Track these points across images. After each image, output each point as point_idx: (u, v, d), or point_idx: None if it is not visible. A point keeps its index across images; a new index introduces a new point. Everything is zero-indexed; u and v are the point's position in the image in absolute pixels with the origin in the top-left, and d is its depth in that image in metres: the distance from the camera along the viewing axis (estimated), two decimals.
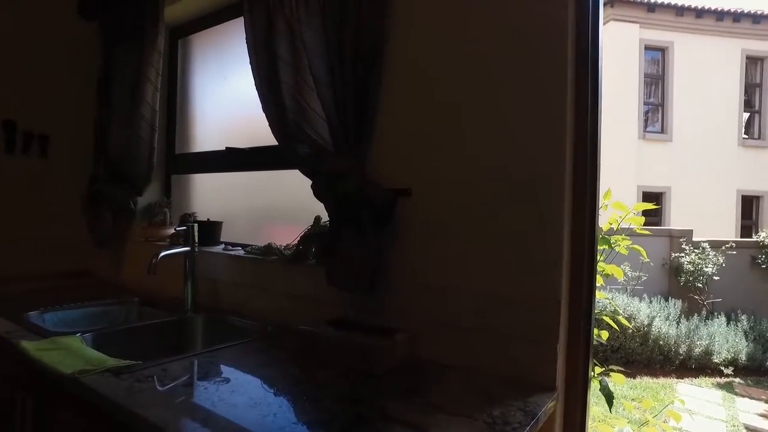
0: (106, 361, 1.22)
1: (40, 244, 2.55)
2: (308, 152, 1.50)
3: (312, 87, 1.49)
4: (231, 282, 1.84)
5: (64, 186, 2.59)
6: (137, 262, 2.26)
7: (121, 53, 2.19)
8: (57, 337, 1.42)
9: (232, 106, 2.20)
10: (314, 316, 1.57)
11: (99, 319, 1.91)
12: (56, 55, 2.57)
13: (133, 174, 2.16)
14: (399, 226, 1.39)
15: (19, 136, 2.48)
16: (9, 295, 2.10)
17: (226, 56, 2.23)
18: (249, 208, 2.15)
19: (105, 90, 2.27)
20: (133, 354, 1.53)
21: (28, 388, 1.39)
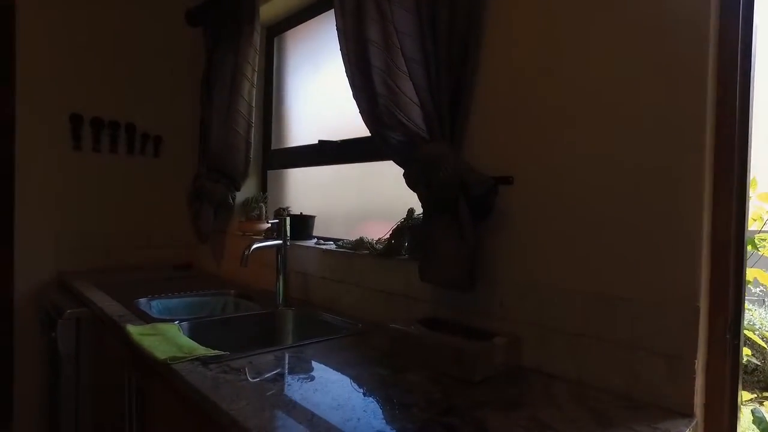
0: (197, 349, 1.22)
1: (153, 237, 2.73)
2: (400, 139, 1.41)
3: (404, 70, 1.39)
4: (321, 276, 1.81)
5: (174, 183, 2.76)
6: (235, 256, 2.33)
7: (221, 53, 2.26)
8: (157, 324, 1.46)
9: (325, 99, 2.18)
10: (406, 313, 1.48)
11: (198, 308, 1.97)
12: (168, 62, 2.75)
13: (231, 169, 2.22)
14: (499, 218, 1.26)
15: (138, 137, 2.68)
16: (125, 282, 2.24)
17: (318, 50, 2.22)
18: (342, 203, 2.12)
19: (207, 89, 2.36)
20: (224, 344, 1.54)
21: (133, 368, 1.44)
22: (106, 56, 2.56)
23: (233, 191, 2.29)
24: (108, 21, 2.56)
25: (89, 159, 2.53)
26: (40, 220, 2.39)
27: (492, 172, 1.24)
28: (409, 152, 1.39)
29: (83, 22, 2.49)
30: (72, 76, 2.47)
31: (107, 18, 2.56)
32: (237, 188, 2.29)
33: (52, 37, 2.41)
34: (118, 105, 2.60)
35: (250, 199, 2.33)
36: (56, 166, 2.44)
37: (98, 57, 2.54)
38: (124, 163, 2.64)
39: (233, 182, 2.27)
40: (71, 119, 2.47)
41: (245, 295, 2.02)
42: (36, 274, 2.39)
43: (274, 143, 2.46)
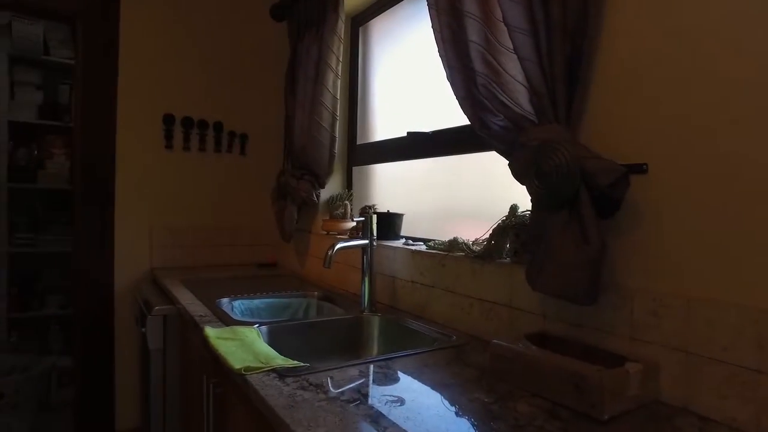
0: (275, 359, 1.10)
1: (239, 235, 2.73)
2: (503, 124, 1.22)
3: (506, 45, 1.20)
4: (410, 280, 1.64)
5: (260, 181, 2.74)
6: (318, 255, 2.23)
7: (306, 44, 2.18)
8: (236, 327, 1.38)
9: (413, 90, 2.02)
10: (508, 326, 1.28)
11: (280, 310, 1.89)
12: (254, 60, 2.74)
13: (315, 165, 2.13)
14: (630, 214, 1.02)
15: (225, 136, 2.69)
16: (210, 279, 2.23)
17: (405, 37, 2.06)
18: (427, 200, 1.95)
19: (291, 83, 2.29)
20: (305, 350, 1.44)
21: (212, 371, 1.37)
22: (197, 57, 2.59)
23: (317, 188, 2.20)
24: (198, 24, 2.58)
25: (180, 158, 2.56)
26: (135, 217, 2.45)
27: (619, 158, 1.00)
28: (513, 138, 1.19)
29: (176, 27, 2.53)
30: (165, 77, 2.51)
31: (197, 21, 2.58)
32: (321, 185, 2.20)
33: (148, 42, 2.46)
34: (207, 104, 2.62)
35: (335, 196, 2.23)
36: (150, 164, 2.49)
37: (189, 58, 2.57)
38: (212, 162, 2.66)
39: (317, 179, 2.17)
40: (164, 119, 2.52)
41: (328, 297, 1.91)
42: (132, 269, 2.45)
43: (359, 138, 2.34)
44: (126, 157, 2.42)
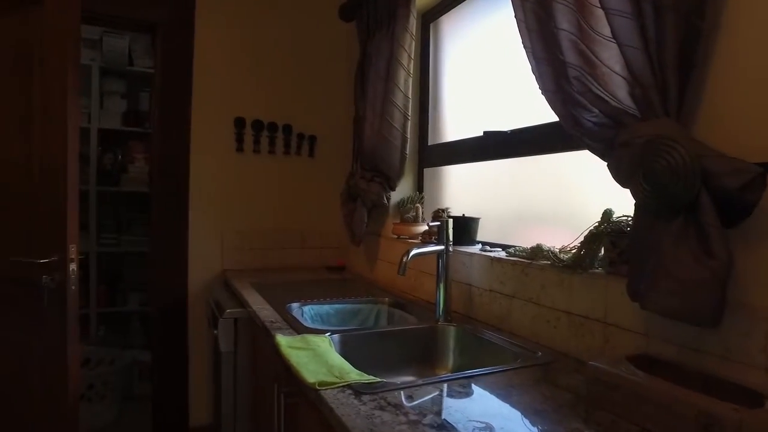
0: (349, 373, 1.04)
1: (308, 237, 2.72)
2: (598, 121, 1.09)
3: (601, 32, 1.07)
4: (489, 289, 1.54)
5: (328, 183, 2.72)
6: (388, 260, 2.17)
7: (376, 42, 2.12)
8: (308, 335, 1.33)
9: (488, 88, 1.91)
10: (602, 344, 1.15)
11: (350, 316, 1.84)
12: (323, 62, 2.72)
13: (386, 166, 2.06)
14: (761, 221, 0.87)
15: (294, 138, 2.69)
16: (280, 283, 2.23)
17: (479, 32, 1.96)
18: (500, 203, 1.83)
19: (361, 83, 2.24)
20: (376, 361, 1.37)
21: (283, 379, 1.33)
22: (267, 61, 2.61)
23: (388, 191, 2.13)
24: (267, 29, 2.61)
25: (250, 160, 2.59)
26: (207, 219, 2.50)
27: (746, 156, 0.86)
28: (611, 136, 1.06)
29: (246, 34, 2.56)
30: (236, 82, 2.55)
31: (267, 26, 2.60)
32: (392, 187, 2.13)
33: (220, 49, 2.51)
34: (277, 107, 2.64)
35: (405, 199, 2.15)
36: (222, 167, 2.53)
37: (259, 63, 2.59)
38: (281, 164, 2.66)
39: (388, 181, 2.11)
40: (235, 123, 2.55)
41: (400, 304, 1.84)
42: (204, 270, 2.50)
43: (430, 138, 2.26)
44: (199, 161, 2.48)
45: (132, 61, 3.44)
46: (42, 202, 1.79)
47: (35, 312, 1.79)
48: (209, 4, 2.48)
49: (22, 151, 1.84)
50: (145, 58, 3.43)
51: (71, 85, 1.74)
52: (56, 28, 1.75)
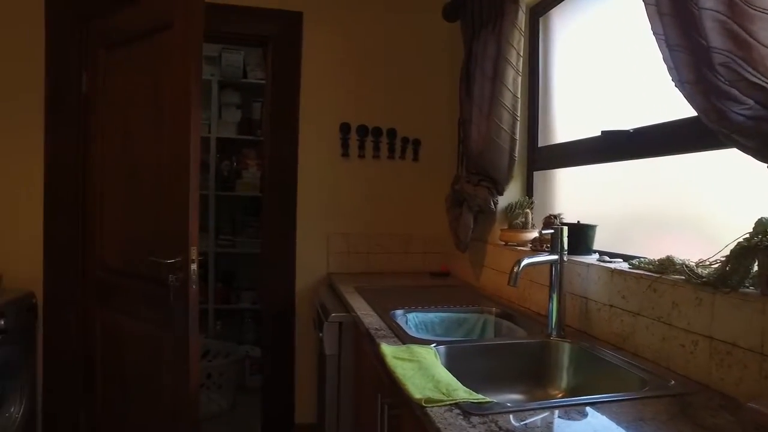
0: (457, 390, 0.98)
1: (412, 242, 2.70)
2: (753, 114, 0.93)
3: (762, 6, 0.91)
4: (608, 303, 1.40)
5: (433, 187, 2.69)
6: (495, 267, 2.07)
7: (482, 41, 2.04)
8: (413, 346, 1.29)
9: (606, 83, 1.75)
10: (757, 379, 0.97)
11: (455, 326, 1.78)
12: (426, 64, 2.69)
13: (493, 170, 1.97)
14: None
15: (398, 142, 2.68)
16: (384, 288, 2.22)
17: (594, 24, 1.80)
18: (622, 209, 1.66)
19: (466, 84, 2.17)
20: (483, 376, 1.30)
21: (386, 389, 1.31)
22: (370, 66, 2.63)
23: (495, 195, 2.04)
24: (370, 35, 2.64)
25: (355, 165, 2.63)
26: (314, 222, 2.58)
27: None
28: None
29: (350, 42, 2.62)
30: (341, 88, 2.60)
31: (370, 32, 2.64)
32: (500, 192, 2.04)
33: (326, 58, 2.58)
34: (381, 111, 2.65)
35: (514, 204, 2.04)
36: (327, 172, 2.60)
37: (364, 69, 2.63)
38: (386, 168, 2.67)
39: (496, 185, 2.02)
40: (341, 128, 2.60)
41: (508, 315, 1.74)
42: (311, 273, 2.58)
43: (541, 140, 2.12)
44: (306, 166, 2.56)
45: (246, 74, 3.67)
46: (168, 207, 1.95)
47: (164, 307, 1.94)
48: (315, 16, 2.56)
49: (154, 159, 2.02)
50: (258, 70, 3.64)
51: (194, 98, 1.87)
52: (182, 48, 1.90)
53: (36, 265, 2.35)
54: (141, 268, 2.06)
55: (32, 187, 2.34)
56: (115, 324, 2.23)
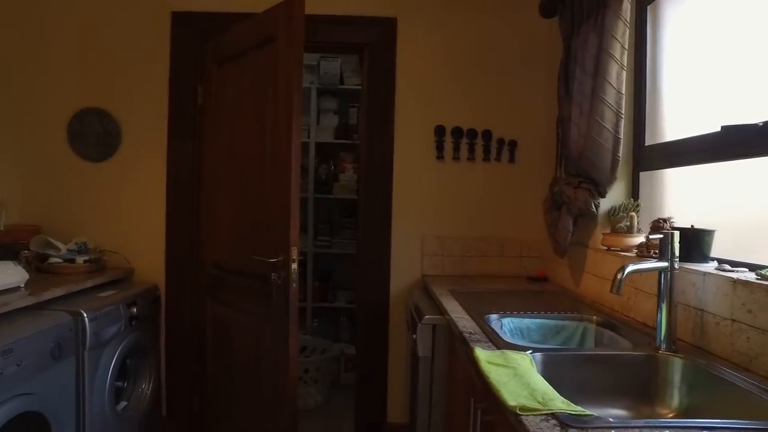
0: (554, 400, 0.95)
1: (507, 245, 2.65)
2: None
3: None
4: (730, 318, 1.27)
5: (529, 189, 2.62)
6: (597, 274, 1.96)
7: (582, 35, 1.94)
8: (508, 352, 1.27)
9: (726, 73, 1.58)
10: None
11: (551, 333, 1.71)
12: (521, 63, 2.63)
13: (595, 171, 1.87)
14: None
15: (494, 143, 2.64)
16: (478, 292, 2.20)
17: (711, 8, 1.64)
18: (746, 214, 1.50)
19: (565, 82, 2.08)
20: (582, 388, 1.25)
21: (479, 395, 1.30)
22: (465, 68, 2.62)
23: (597, 198, 1.93)
24: (464, 37, 2.63)
25: (449, 168, 2.63)
26: (408, 225, 2.61)
27: None
28: None
29: (444, 45, 2.62)
30: (436, 91, 2.62)
31: (464, 34, 2.63)
32: (602, 194, 1.93)
33: (420, 63, 2.61)
34: (476, 113, 2.63)
35: (617, 207, 1.92)
36: (422, 175, 2.62)
37: (458, 71, 2.62)
38: (481, 171, 2.64)
39: (597, 187, 1.91)
40: (435, 131, 2.61)
41: (610, 324, 1.64)
42: (405, 274, 2.62)
43: (648, 138, 1.98)
44: (401, 169, 2.60)
45: (343, 80, 3.80)
46: (271, 209, 2.08)
47: (267, 303, 2.08)
48: (409, 21, 2.60)
49: (258, 164, 2.17)
50: (354, 76, 3.76)
51: (295, 105, 1.98)
52: (285, 59, 2.02)
53: (159, 262, 2.62)
54: (245, 266, 2.22)
55: (158, 192, 2.61)
56: (223, 316, 2.42)
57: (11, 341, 1.60)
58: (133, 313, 2.29)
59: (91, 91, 2.61)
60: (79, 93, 2.60)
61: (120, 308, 2.21)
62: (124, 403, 2.35)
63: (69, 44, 2.60)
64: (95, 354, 2.05)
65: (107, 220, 2.62)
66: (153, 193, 2.62)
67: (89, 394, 2.01)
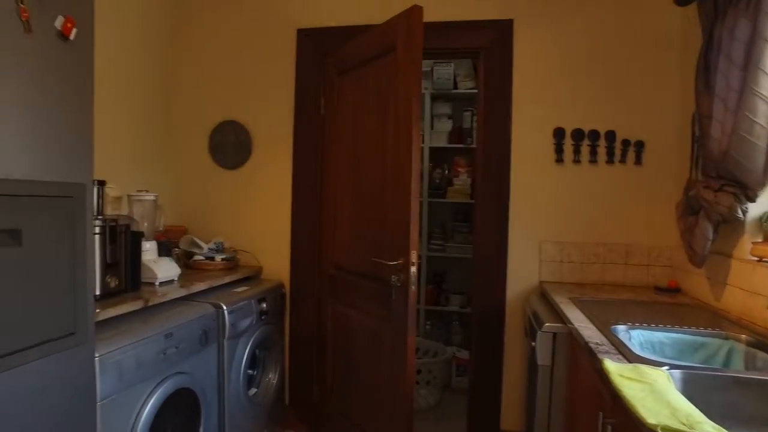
0: (701, 423, 0.88)
1: (632, 253, 2.48)
2: None
3: None
4: None
5: (658, 193, 2.44)
6: (745, 288, 1.77)
7: (727, 24, 1.76)
8: (641, 366, 1.20)
9: None
10: None
11: (688, 350, 1.57)
12: (647, 57, 2.45)
13: (741, 173, 1.69)
14: None
15: (618, 145, 2.49)
16: (601, 301, 2.08)
17: None
18: None
19: (705, 76, 1.90)
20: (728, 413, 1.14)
21: (608, 409, 1.24)
22: (584, 67, 2.50)
23: (744, 202, 1.74)
24: (584, 33, 2.50)
25: (569, 171, 2.52)
26: (526, 230, 2.55)
27: None
28: None
29: (564, 44, 2.52)
30: (554, 92, 2.53)
31: (583, 30, 2.50)
32: (750, 198, 1.73)
33: (538, 64, 2.54)
34: (597, 113, 2.49)
35: None
36: (540, 179, 2.54)
37: (577, 69, 2.51)
38: (603, 174, 2.50)
39: (745, 190, 1.72)
40: (554, 133, 2.52)
41: (762, 345, 1.47)
42: (522, 280, 2.56)
43: None
44: (518, 173, 2.55)
45: (456, 85, 3.81)
46: (391, 213, 2.15)
47: (386, 304, 2.15)
48: (526, 21, 2.54)
49: (378, 170, 2.25)
50: (468, 80, 3.75)
51: (415, 113, 2.03)
52: (405, 67, 2.08)
53: (285, 261, 2.83)
54: (365, 268, 2.32)
55: (284, 196, 2.83)
56: (342, 314, 2.55)
57: (173, 326, 1.84)
58: (263, 308, 2.50)
59: (228, 105, 2.90)
60: (219, 107, 2.91)
61: (252, 303, 2.42)
62: (254, 390, 2.56)
63: (211, 64, 2.91)
64: (232, 343, 2.27)
65: (240, 222, 2.89)
66: (280, 198, 2.84)
67: (227, 378, 2.23)
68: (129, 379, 1.63)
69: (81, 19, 1.31)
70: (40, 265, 1.25)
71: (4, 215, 1.16)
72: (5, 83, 1.16)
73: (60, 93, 1.30)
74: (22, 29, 1.14)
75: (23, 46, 1.18)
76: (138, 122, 2.72)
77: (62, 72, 1.30)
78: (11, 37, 1.14)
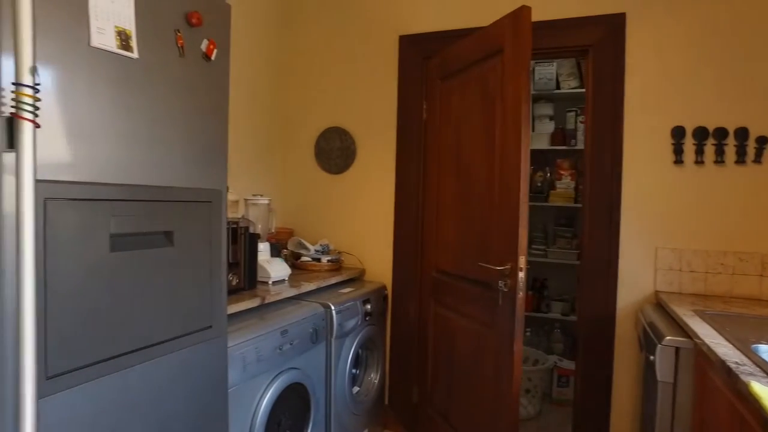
0: None
1: (765, 262, 2.24)
2: None
3: None
4: None
5: None
6: None
7: None
8: None
9: None
10: None
11: None
12: None
13: None
14: None
15: (750, 143, 2.27)
16: (734, 316, 1.91)
17: None
18: None
19: None
20: None
21: None
22: (712, 56, 2.29)
23: None
24: (708, 19, 2.29)
25: (690, 173, 2.33)
26: (640, 236, 2.40)
27: None
28: None
29: (683, 30, 2.32)
30: (672, 88, 2.35)
31: (708, 16, 2.29)
32: None
33: (653, 54, 2.37)
34: (726, 109, 2.28)
35: None
36: (657, 181, 2.38)
37: (699, 61, 2.30)
38: (733, 176, 2.28)
39: None
40: (672, 133, 2.35)
41: None
42: (635, 289, 2.41)
43: None
44: (630, 176, 2.41)
45: (558, 85, 3.67)
46: (498, 217, 2.12)
47: (491, 309, 2.13)
48: (640, 13, 2.38)
49: (484, 173, 2.24)
50: (570, 79, 3.60)
51: (524, 115, 1.99)
52: (513, 69, 2.05)
53: (387, 263, 2.90)
54: (470, 272, 2.31)
55: (387, 200, 2.90)
56: (445, 318, 2.55)
57: (287, 323, 1.96)
58: (367, 310, 2.57)
59: (333, 111, 3.03)
60: (325, 114, 3.05)
61: (357, 304, 2.50)
62: (357, 389, 2.65)
63: (318, 73, 3.06)
64: (339, 342, 2.36)
65: (343, 224, 3.00)
66: (383, 201, 2.91)
67: (334, 376, 2.33)
68: (251, 371, 1.76)
69: (220, 41, 1.44)
70: (186, 263, 1.39)
71: (163, 218, 1.31)
72: (167, 102, 1.31)
73: (203, 108, 1.44)
74: (178, 54, 1.28)
75: (178, 69, 1.32)
76: (255, 130, 2.93)
77: (205, 89, 1.43)
78: (170, 62, 1.29)
